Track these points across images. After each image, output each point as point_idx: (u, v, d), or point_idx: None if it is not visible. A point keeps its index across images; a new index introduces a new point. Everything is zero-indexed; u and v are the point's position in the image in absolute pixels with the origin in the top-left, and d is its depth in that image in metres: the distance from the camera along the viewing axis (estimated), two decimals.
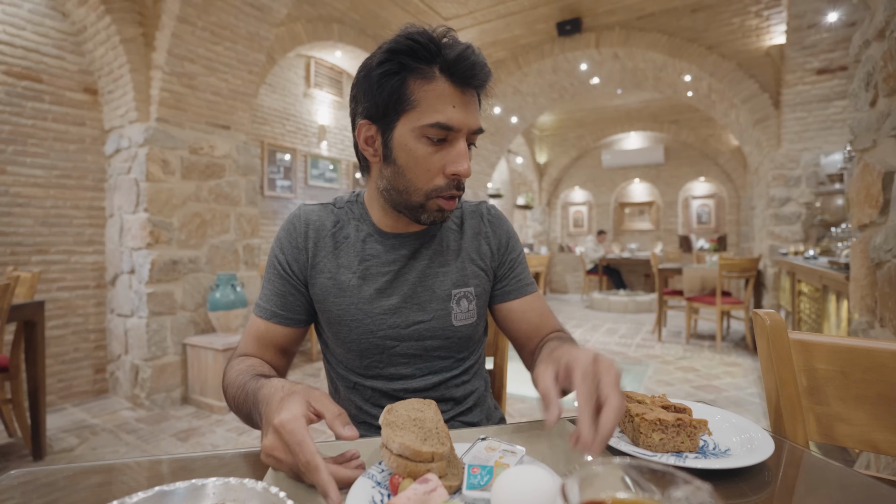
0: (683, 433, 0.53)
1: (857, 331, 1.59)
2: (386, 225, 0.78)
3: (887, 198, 1.32)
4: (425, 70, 0.64)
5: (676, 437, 0.53)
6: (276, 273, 0.77)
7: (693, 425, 0.53)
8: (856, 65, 1.57)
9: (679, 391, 3.13)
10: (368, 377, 0.78)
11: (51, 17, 2.77)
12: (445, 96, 0.65)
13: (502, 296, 0.83)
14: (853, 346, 0.66)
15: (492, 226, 0.84)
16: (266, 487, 0.39)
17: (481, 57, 0.67)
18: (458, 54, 0.64)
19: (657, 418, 0.53)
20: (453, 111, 0.65)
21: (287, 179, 4.62)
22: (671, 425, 0.53)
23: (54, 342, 2.84)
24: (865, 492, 0.45)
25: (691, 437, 0.53)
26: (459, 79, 0.65)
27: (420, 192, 0.69)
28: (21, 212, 2.69)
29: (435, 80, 0.65)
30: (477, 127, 0.68)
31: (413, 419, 0.50)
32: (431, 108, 0.65)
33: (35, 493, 0.46)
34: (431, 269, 0.78)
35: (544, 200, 9.45)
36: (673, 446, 0.53)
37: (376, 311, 0.74)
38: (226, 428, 2.55)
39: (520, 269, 0.84)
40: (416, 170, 0.68)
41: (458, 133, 0.66)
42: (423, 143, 0.66)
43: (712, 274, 4.34)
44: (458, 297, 0.77)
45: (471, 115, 0.67)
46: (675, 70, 4.97)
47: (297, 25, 3.84)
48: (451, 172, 0.66)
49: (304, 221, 0.78)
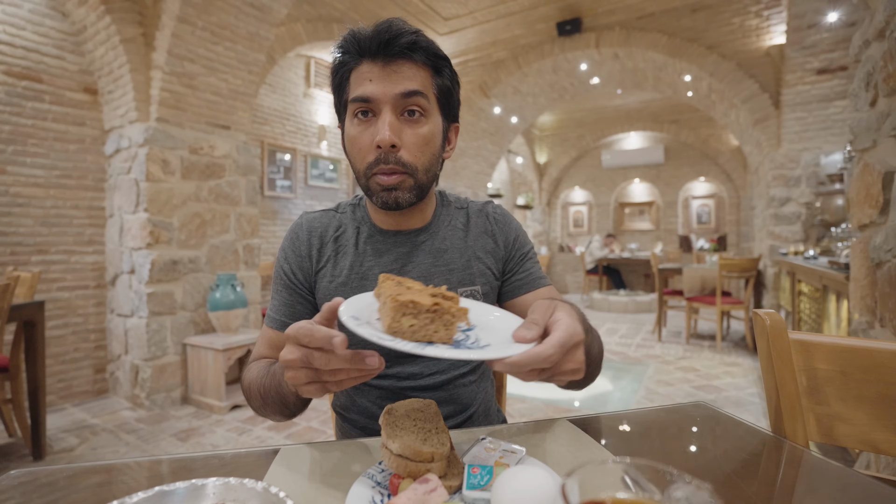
0: (439, 321, 0.46)
1: (857, 331, 1.59)
2: (383, 223, 0.78)
3: (887, 198, 1.32)
4: (355, 59, 0.69)
5: (430, 324, 0.46)
6: (282, 283, 0.78)
7: (451, 313, 0.46)
8: (856, 65, 1.57)
9: (679, 391, 3.13)
10: (376, 376, 0.77)
11: (51, 17, 2.77)
12: (364, 74, 0.68)
13: (513, 291, 0.82)
14: (853, 346, 0.66)
15: (498, 224, 0.84)
16: (266, 487, 0.39)
17: (396, 25, 0.67)
18: (368, 33, 0.67)
19: (410, 300, 0.45)
20: (369, 84, 0.67)
21: (287, 179, 4.62)
22: (425, 311, 0.45)
23: (54, 342, 2.84)
24: (865, 492, 0.45)
25: (447, 327, 0.46)
26: (375, 53, 0.67)
27: (360, 174, 0.71)
28: (21, 212, 2.69)
29: (360, 65, 0.68)
30: (402, 90, 0.66)
31: (413, 419, 0.50)
32: (353, 89, 0.68)
33: (35, 493, 0.46)
34: (436, 268, 0.77)
35: (544, 200, 9.45)
36: (424, 335, 0.46)
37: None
38: (226, 428, 2.55)
39: (530, 263, 0.83)
40: (353, 150, 0.70)
41: (378, 103, 0.67)
42: (353, 124, 0.69)
43: (712, 274, 4.34)
44: (464, 295, 0.77)
45: (390, 84, 0.66)
46: (675, 70, 4.97)
47: (297, 25, 3.83)
48: (374, 143, 0.66)
49: (307, 229, 0.79)
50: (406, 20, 0.70)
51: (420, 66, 0.68)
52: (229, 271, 3.15)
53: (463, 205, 0.86)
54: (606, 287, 8.01)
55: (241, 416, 2.73)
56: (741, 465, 0.53)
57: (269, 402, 0.64)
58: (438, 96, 0.71)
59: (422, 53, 0.68)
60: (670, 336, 4.86)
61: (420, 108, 0.68)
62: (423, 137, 0.69)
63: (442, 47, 0.86)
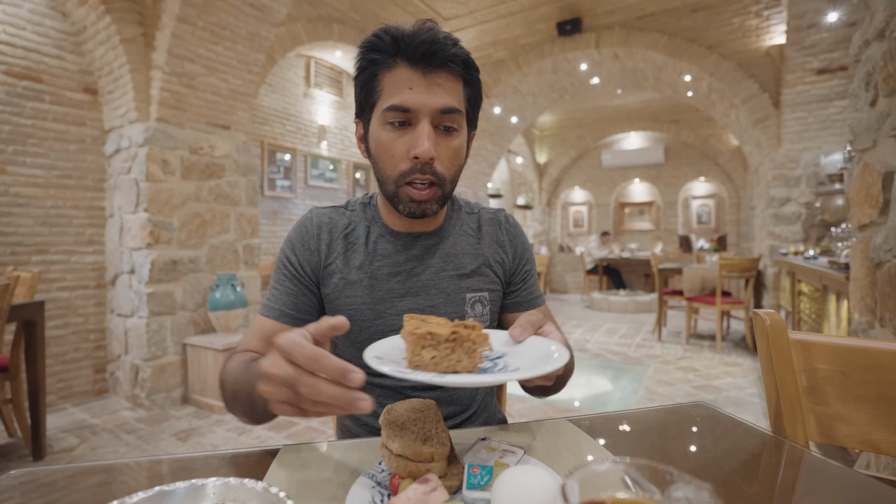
0: (461, 350, 0.45)
1: (857, 331, 1.59)
2: (395, 224, 0.77)
3: (887, 198, 1.32)
4: (388, 60, 0.66)
5: (451, 354, 0.45)
6: (286, 274, 0.76)
7: (472, 340, 0.46)
8: (856, 65, 1.57)
9: (679, 391, 3.13)
10: (379, 375, 0.76)
11: (51, 17, 2.77)
12: (403, 80, 0.65)
13: (513, 306, 0.84)
14: (853, 346, 0.66)
15: (509, 234, 0.85)
16: (266, 487, 0.39)
17: (439, 34, 0.65)
18: (411, 35, 0.65)
19: (427, 332, 0.45)
20: (409, 93, 0.65)
21: (287, 179, 4.62)
22: (444, 340, 0.45)
23: (54, 342, 2.84)
24: (865, 492, 0.45)
25: (469, 355, 0.46)
26: (417, 59, 0.65)
27: (390, 180, 0.69)
28: (21, 212, 2.69)
29: (396, 67, 0.66)
30: (442, 106, 0.65)
31: (413, 419, 0.50)
32: (390, 94, 0.66)
33: (35, 493, 0.46)
34: (446, 272, 0.77)
35: (544, 200, 9.44)
36: (447, 366, 0.45)
37: (389, 312, 0.74)
38: (226, 428, 2.55)
39: (531, 280, 0.85)
40: (384, 156, 0.68)
41: (418, 114, 0.65)
42: (386, 130, 0.67)
43: (712, 274, 4.34)
44: (472, 301, 0.78)
45: (432, 96, 0.65)
46: (675, 70, 4.97)
47: (297, 25, 3.83)
48: (412, 155, 0.65)
49: (316, 224, 0.78)
50: (406, 20, 0.70)
51: (456, 77, 0.68)
52: (229, 271, 3.15)
53: (473, 210, 0.86)
54: (606, 287, 8.01)
55: None
56: (741, 465, 0.53)
57: (239, 401, 0.60)
58: (468, 108, 0.71)
59: (460, 65, 0.67)
60: (670, 336, 4.86)
61: (455, 124, 0.68)
62: (455, 150, 0.69)
63: None
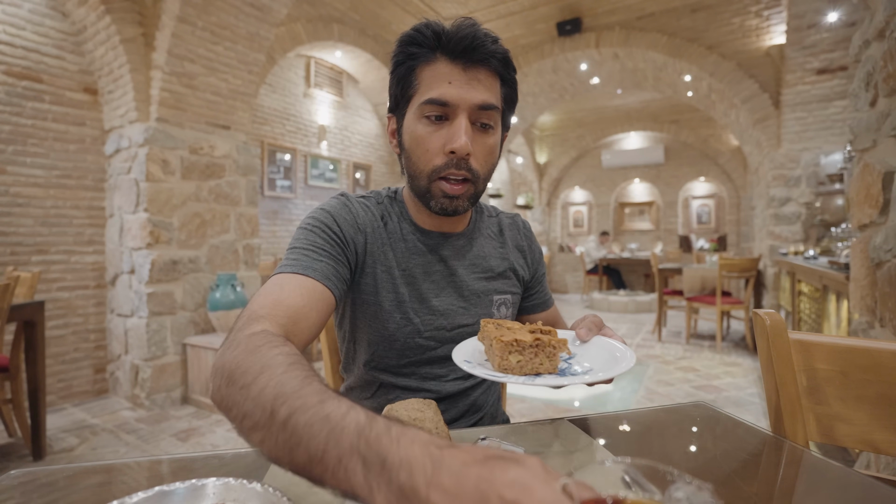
0: (542, 354, 0.52)
1: (857, 331, 1.59)
2: (425, 222, 0.76)
3: (887, 198, 1.32)
4: (428, 54, 0.66)
5: (535, 358, 0.52)
6: (327, 239, 0.66)
7: (552, 345, 0.52)
8: (856, 65, 1.57)
9: (679, 391, 3.13)
10: (401, 375, 0.75)
11: (51, 17, 2.77)
12: (443, 74, 0.65)
13: (531, 308, 0.88)
14: (853, 346, 0.66)
15: (527, 239, 0.88)
16: (266, 487, 0.39)
17: (480, 30, 0.65)
18: (454, 30, 0.65)
19: (514, 339, 0.51)
20: (448, 87, 0.64)
21: (287, 179, 4.62)
22: (528, 346, 0.52)
23: (54, 342, 2.84)
24: (865, 492, 0.45)
25: (550, 358, 0.53)
26: (457, 54, 0.65)
27: (423, 175, 0.67)
28: (21, 212, 2.69)
29: (436, 62, 0.66)
30: (481, 102, 0.65)
31: (413, 419, 0.50)
32: (428, 87, 0.65)
33: (35, 493, 0.46)
34: (475, 274, 0.78)
35: (544, 200, 9.44)
36: (531, 368, 0.52)
37: (425, 311, 0.74)
38: (226, 428, 2.55)
39: (545, 283, 0.90)
40: (418, 150, 0.67)
41: (456, 109, 0.65)
42: (423, 123, 0.66)
43: (712, 274, 4.34)
44: (499, 303, 0.79)
45: (472, 91, 0.64)
46: (675, 70, 4.97)
47: (297, 25, 3.83)
48: (448, 149, 0.65)
49: (357, 206, 0.73)
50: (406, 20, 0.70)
51: (494, 74, 0.68)
52: (229, 271, 3.15)
53: (493, 213, 0.88)
54: (606, 287, 8.01)
55: None
56: (741, 465, 0.53)
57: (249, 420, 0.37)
58: (504, 107, 0.71)
59: (499, 63, 0.67)
60: (670, 336, 4.86)
61: (492, 121, 0.68)
62: (490, 147, 0.69)
63: None
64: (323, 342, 0.97)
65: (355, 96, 5.34)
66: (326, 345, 0.97)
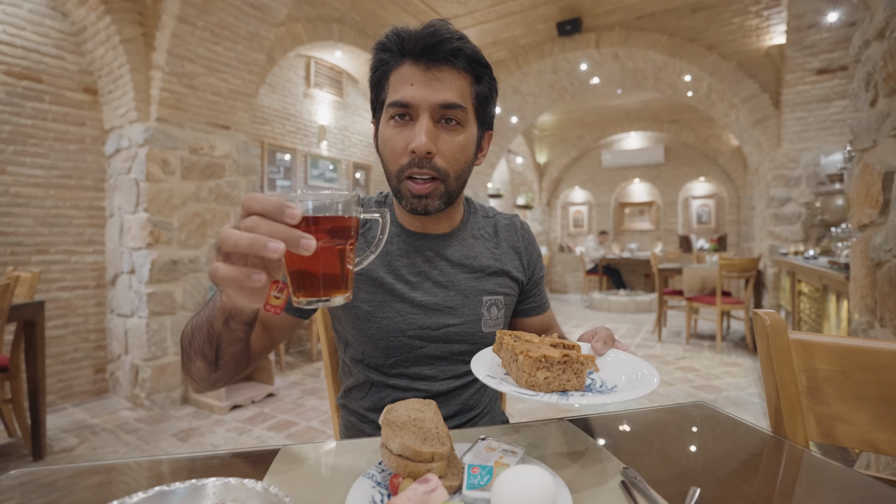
0: (570, 370, 0.51)
1: (857, 331, 1.59)
2: (411, 224, 0.78)
3: (887, 198, 1.32)
4: (396, 58, 0.68)
5: (562, 374, 0.51)
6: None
7: (580, 362, 0.51)
8: (856, 65, 1.57)
9: (679, 391, 3.13)
10: (392, 375, 0.77)
11: (51, 17, 2.77)
12: (406, 76, 0.67)
13: (528, 311, 0.87)
14: (853, 346, 0.66)
15: (524, 241, 0.87)
16: (266, 487, 0.39)
17: (443, 30, 0.66)
18: (416, 32, 0.66)
19: (542, 355, 0.50)
20: (409, 88, 0.66)
21: (287, 179, 4.62)
22: (557, 363, 0.50)
23: (54, 342, 2.84)
24: (865, 492, 0.45)
25: (578, 375, 0.51)
26: (419, 55, 0.66)
27: (393, 175, 0.70)
28: (21, 212, 2.69)
29: (402, 65, 0.68)
30: (441, 101, 0.66)
31: (413, 419, 0.50)
32: (394, 90, 0.68)
33: (35, 493, 0.46)
34: (462, 275, 0.78)
35: (544, 200, 9.44)
36: (559, 385, 0.51)
37: (407, 310, 0.74)
38: (226, 428, 2.55)
39: (542, 286, 0.89)
40: (386, 151, 0.69)
41: (417, 109, 0.66)
42: (390, 125, 0.68)
43: (712, 274, 4.34)
44: (489, 304, 0.78)
45: (432, 91, 0.65)
46: (675, 70, 4.97)
47: (297, 25, 3.83)
48: (409, 149, 0.66)
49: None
50: (406, 20, 0.70)
51: (461, 72, 0.68)
52: None
53: (489, 214, 0.88)
54: (606, 287, 8.01)
55: (241, 416, 2.73)
56: (741, 465, 0.53)
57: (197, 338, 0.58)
58: (476, 105, 0.71)
59: (465, 60, 0.68)
60: (670, 336, 4.86)
61: (457, 119, 0.68)
62: (458, 145, 0.69)
63: None
64: (323, 342, 0.97)
65: (355, 96, 5.34)
66: (326, 345, 0.97)
